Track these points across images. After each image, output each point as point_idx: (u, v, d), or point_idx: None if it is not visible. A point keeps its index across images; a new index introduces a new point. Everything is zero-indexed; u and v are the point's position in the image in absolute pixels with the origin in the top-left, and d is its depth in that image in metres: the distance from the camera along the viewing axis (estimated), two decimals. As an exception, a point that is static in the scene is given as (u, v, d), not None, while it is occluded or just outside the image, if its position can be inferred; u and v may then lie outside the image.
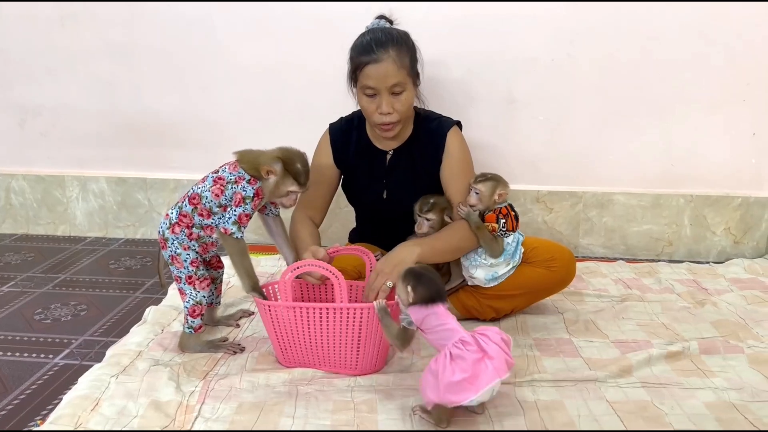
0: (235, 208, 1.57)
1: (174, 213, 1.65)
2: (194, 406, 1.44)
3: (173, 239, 1.65)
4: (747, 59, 2.43)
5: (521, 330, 1.87)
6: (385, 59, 1.70)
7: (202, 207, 1.60)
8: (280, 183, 1.60)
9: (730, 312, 1.99)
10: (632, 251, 2.64)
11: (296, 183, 1.61)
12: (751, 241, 2.60)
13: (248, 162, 1.60)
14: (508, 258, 1.83)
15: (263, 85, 2.63)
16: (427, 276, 1.39)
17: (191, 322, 1.69)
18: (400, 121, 1.79)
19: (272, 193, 1.62)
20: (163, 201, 2.80)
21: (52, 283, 2.29)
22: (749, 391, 1.51)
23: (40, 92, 2.75)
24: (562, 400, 1.47)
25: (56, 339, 1.84)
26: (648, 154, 2.56)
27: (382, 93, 1.74)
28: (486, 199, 1.79)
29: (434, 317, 1.35)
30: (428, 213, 1.81)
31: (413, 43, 1.80)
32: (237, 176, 1.58)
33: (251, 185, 1.57)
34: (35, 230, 2.89)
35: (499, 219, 1.79)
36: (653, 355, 1.66)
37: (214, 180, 1.60)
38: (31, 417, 1.44)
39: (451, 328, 1.35)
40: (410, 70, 1.76)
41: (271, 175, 1.59)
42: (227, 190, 1.57)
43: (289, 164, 1.60)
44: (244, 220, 1.57)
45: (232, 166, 1.60)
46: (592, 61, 2.47)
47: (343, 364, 1.60)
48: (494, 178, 1.81)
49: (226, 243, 1.60)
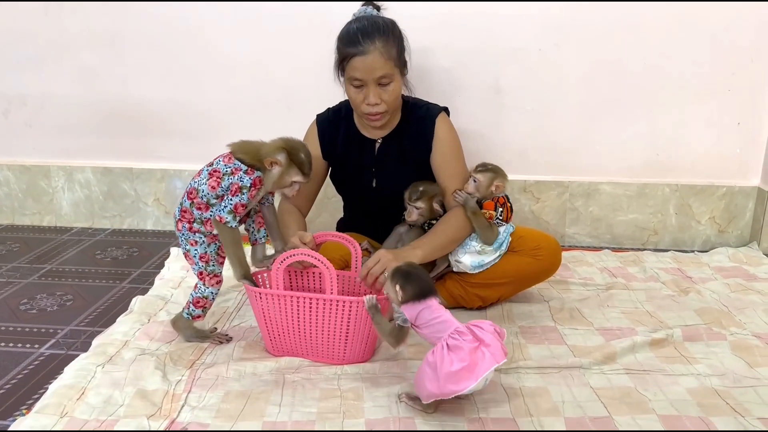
0: (231, 198, 1.56)
1: (177, 210, 1.66)
2: (181, 395, 1.45)
3: (180, 236, 1.66)
4: (732, 49, 2.44)
5: (507, 318, 1.88)
6: (372, 51, 1.70)
7: (199, 201, 1.60)
8: (284, 173, 1.59)
9: (713, 300, 2.01)
10: (618, 240, 2.66)
11: (301, 173, 1.60)
12: (736, 230, 2.62)
13: (247, 153, 1.58)
14: (497, 246, 1.85)
15: (250, 74, 2.61)
16: (414, 273, 1.40)
17: (192, 309, 1.69)
18: (387, 111, 1.79)
19: (276, 184, 1.61)
20: (150, 191, 2.79)
21: (38, 273, 2.27)
22: (731, 378, 1.53)
23: (24, 81, 2.72)
24: (546, 387, 1.49)
25: (42, 329, 1.83)
26: (634, 143, 2.58)
27: (369, 84, 1.73)
28: (483, 188, 1.83)
29: (428, 311, 1.37)
30: (417, 201, 1.82)
31: (400, 32, 1.79)
32: (233, 167, 1.56)
33: (248, 175, 1.55)
34: (21, 221, 2.87)
35: (497, 207, 1.83)
36: (637, 343, 1.68)
37: (209, 173, 1.59)
38: (17, 406, 1.44)
39: (445, 319, 1.36)
40: (397, 61, 1.75)
41: (275, 166, 1.57)
42: (224, 181, 1.56)
43: (294, 154, 1.59)
44: (240, 209, 1.56)
45: (227, 158, 1.59)
46: (580, 52, 2.47)
47: (331, 355, 1.60)
48: (494, 170, 1.84)
49: (220, 231, 1.59)
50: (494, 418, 1.37)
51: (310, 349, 1.61)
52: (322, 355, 1.61)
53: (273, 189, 1.63)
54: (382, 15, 1.81)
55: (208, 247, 1.66)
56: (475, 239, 1.85)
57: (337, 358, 1.60)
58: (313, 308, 1.54)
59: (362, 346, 1.59)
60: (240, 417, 1.37)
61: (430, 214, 1.85)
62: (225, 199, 1.56)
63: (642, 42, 2.45)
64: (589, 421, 1.36)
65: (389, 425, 1.34)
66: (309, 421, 1.36)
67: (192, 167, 2.74)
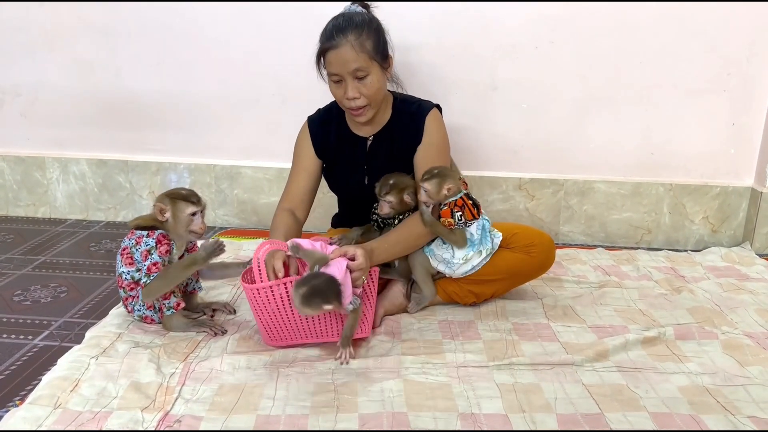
0: (143, 263, 1.66)
1: (124, 305, 1.78)
2: (174, 388, 1.45)
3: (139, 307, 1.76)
4: (728, 49, 2.45)
5: (500, 315, 1.89)
6: (344, 44, 1.71)
7: (126, 284, 1.72)
8: (176, 211, 1.68)
9: (706, 299, 2.02)
10: (612, 239, 2.67)
11: (189, 203, 1.68)
12: (729, 230, 2.64)
13: (141, 219, 1.73)
14: (479, 245, 1.81)
15: (244, 66, 2.61)
16: (317, 284, 1.46)
17: (167, 303, 1.70)
18: (369, 104, 1.79)
19: (178, 226, 1.69)
20: (145, 184, 2.78)
21: (32, 264, 2.27)
22: (722, 376, 1.54)
23: (18, 72, 2.71)
24: (539, 383, 1.50)
25: (36, 320, 1.83)
26: (629, 142, 2.59)
27: (346, 78, 1.74)
28: (435, 195, 1.75)
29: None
30: (387, 195, 1.78)
31: (378, 26, 1.79)
32: (136, 238, 1.69)
33: (150, 237, 1.67)
34: (15, 212, 2.86)
35: (454, 213, 1.76)
36: (629, 340, 1.69)
37: (120, 254, 1.73)
38: (10, 397, 1.44)
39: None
40: (372, 54, 1.74)
41: (164, 212, 1.67)
42: (135, 254, 1.69)
43: (173, 194, 1.70)
44: (153, 269, 1.66)
45: (130, 234, 1.72)
46: (575, 49, 2.48)
47: (331, 332, 1.62)
48: (439, 174, 1.75)
49: (149, 291, 1.67)
50: (487, 413, 1.38)
51: (310, 332, 1.62)
52: (323, 334, 1.63)
53: (179, 233, 1.70)
54: (366, 12, 1.81)
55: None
56: (455, 256, 1.81)
57: (337, 335, 1.62)
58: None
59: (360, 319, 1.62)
60: (234, 410, 1.37)
61: (402, 207, 1.81)
62: (141, 269, 1.67)
63: (637, 41, 2.46)
64: (581, 418, 1.37)
65: (382, 420, 1.35)
66: (303, 415, 1.36)
67: (187, 160, 2.75)
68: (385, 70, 1.81)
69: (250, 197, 2.76)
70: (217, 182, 2.76)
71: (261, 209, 2.76)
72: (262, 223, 2.77)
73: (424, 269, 1.86)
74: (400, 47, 1.92)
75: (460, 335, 1.75)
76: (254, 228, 2.77)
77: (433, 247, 1.84)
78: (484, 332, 1.77)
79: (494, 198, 2.65)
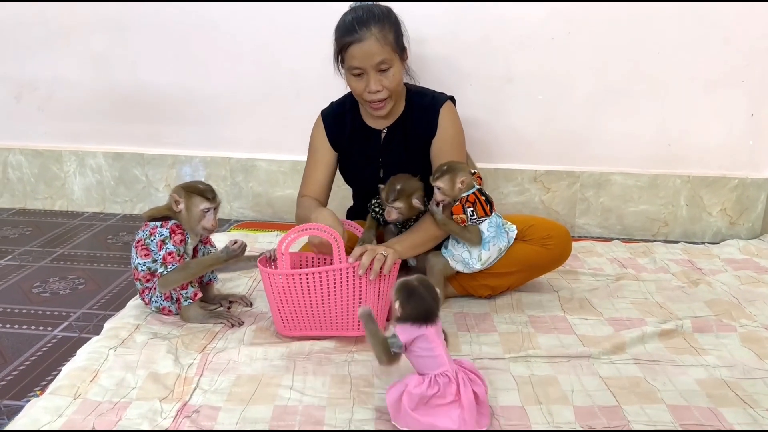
0: (159, 253, 1.68)
1: (141, 297, 1.79)
2: (192, 378, 1.46)
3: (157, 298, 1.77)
4: (746, 40, 2.42)
5: (516, 307, 1.88)
6: (368, 38, 1.70)
7: (142, 275, 1.73)
8: (190, 206, 1.69)
9: (723, 292, 2.00)
10: (628, 231, 2.65)
11: (204, 199, 1.69)
12: (747, 223, 2.61)
13: (155, 210, 1.75)
14: (493, 243, 1.79)
15: (258, 60, 2.61)
16: (419, 292, 1.29)
17: (185, 293, 1.72)
18: (390, 97, 1.79)
19: (190, 219, 1.71)
20: (161, 177, 2.80)
21: (50, 257, 2.29)
22: (741, 369, 1.53)
23: (36, 66, 2.73)
24: (555, 376, 1.49)
25: (55, 312, 1.85)
26: (646, 134, 2.57)
27: (369, 71, 1.74)
28: (449, 191, 1.72)
29: (424, 340, 1.27)
30: (395, 202, 1.74)
31: (396, 18, 1.79)
32: (150, 229, 1.70)
33: (164, 227, 1.68)
34: (33, 205, 2.89)
35: (466, 209, 1.74)
36: (646, 333, 1.68)
37: (135, 246, 1.74)
38: (31, 387, 1.46)
39: (437, 355, 1.27)
40: (395, 46, 1.75)
41: (179, 203, 1.69)
42: (150, 245, 1.70)
43: (190, 187, 1.71)
44: (169, 259, 1.67)
45: (143, 227, 1.73)
46: (592, 41, 2.46)
47: (346, 326, 1.62)
48: (450, 169, 1.72)
49: (166, 282, 1.69)
50: (504, 405, 1.38)
51: (325, 324, 1.63)
52: (338, 327, 1.63)
53: (190, 227, 1.71)
54: (378, 3, 1.81)
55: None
56: (462, 248, 1.80)
57: (352, 328, 1.62)
58: (323, 281, 1.56)
59: (374, 310, 1.60)
60: (251, 400, 1.38)
61: (410, 211, 1.77)
62: (157, 258, 1.69)
63: (654, 32, 2.43)
64: (599, 410, 1.36)
65: (399, 411, 1.35)
66: (320, 406, 1.37)
67: (202, 153, 2.76)
68: (404, 62, 1.81)
69: (265, 190, 2.77)
70: (232, 175, 2.77)
71: (276, 202, 2.77)
72: (276, 215, 2.77)
73: (440, 273, 1.85)
74: (415, 39, 1.91)
75: (475, 327, 1.75)
76: (269, 220, 2.78)
77: (450, 247, 1.84)
78: (500, 325, 1.77)
79: (509, 190, 2.64)
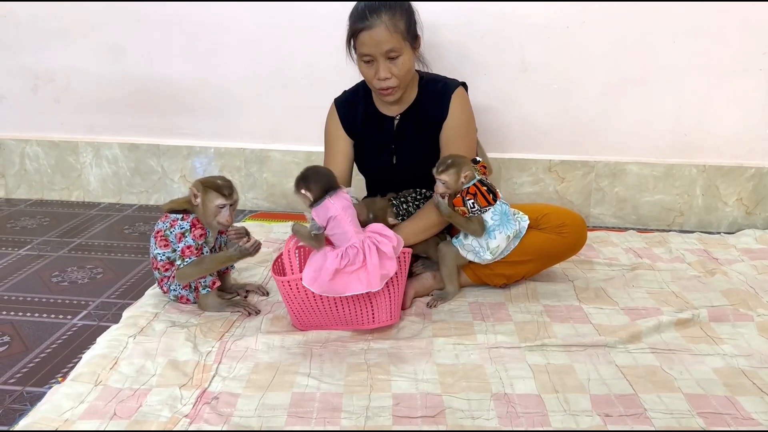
0: (178, 244, 1.71)
1: (159, 285, 1.82)
2: (211, 366, 1.48)
3: (176, 288, 1.80)
4: (763, 28, 2.39)
5: (531, 297, 1.88)
6: (378, 25, 1.71)
7: (161, 264, 1.75)
8: (206, 200, 1.71)
9: (740, 281, 1.99)
10: (643, 221, 2.64)
11: (220, 195, 1.70)
12: (764, 212, 2.59)
13: (175, 203, 1.76)
14: (502, 230, 1.78)
15: (273, 50, 2.62)
16: (313, 171, 1.62)
17: (203, 282, 1.74)
18: (399, 85, 1.79)
19: (206, 214, 1.72)
20: (176, 168, 2.82)
21: (68, 247, 2.32)
22: (758, 358, 1.53)
23: (52, 58, 2.75)
24: (572, 365, 1.50)
25: (74, 301, 1.88)
26: (661, 123, 2.55)
27: (379, 59, 1.74)
28: (453, 185, 1.73)
29: (334, 221, 1.55)
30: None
31: (410, 6, 1.79)
32: (170, 221, 1.73)
33: (185, 220, 1.71)
34: (50, 195, 2.92)
35: (466, 201, 1.73)
36: (663, 322, 1.67)
37: (154, 236, 1.77)
38: (52, 374, 1.48)
39: (346, 231, 1.55)
40: (405, 34, 1.75)
41: (196, 197, 1.70)
42: (169, 237, 1.73)
43: (208, 182, 1.72)
44: (187, 252, 1.70)
45: (163, 218, 1.75)
46: (607, 29, 2.44)
47: (360, 321, 1.64)
48: (455, 163, 1.72)
49: (182, 275, 1.72)
50: (520, 394, 1.38)
51: (339, 321, 1.64)
52: (352, 322, 1.64)
53: (209, 220, 1.73)
54: None
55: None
56: (480, 246, 1.80)
57: (366, 322, 1.64)
58: None
59: (387, 304, 1.63)
60: (269, 387, 1.40)
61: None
62: (176, 250, 1.71)
63: (670, 20, 2.41)
64: (615, 399, 1.36)
65: (416, 401, 1.36)
66: (337, 393, 1.38)
67: (217, 144, 2.77)
68: (415, 50, 1.81)
69: (279, 180, 2.78)
70: (247, 166, 2.78)
71: (290, 192, 2.73)
72: (291, 206, 2.78)
73: (452, 264, 1.85)
74: (429, 27, 1.91)
75: (491, 317, 1.75)
76: (284, 211, 2.79)
77: (461, 236, 1.84)
78: (515, 314, 1.77)
79: (523, 180, 2.64)
